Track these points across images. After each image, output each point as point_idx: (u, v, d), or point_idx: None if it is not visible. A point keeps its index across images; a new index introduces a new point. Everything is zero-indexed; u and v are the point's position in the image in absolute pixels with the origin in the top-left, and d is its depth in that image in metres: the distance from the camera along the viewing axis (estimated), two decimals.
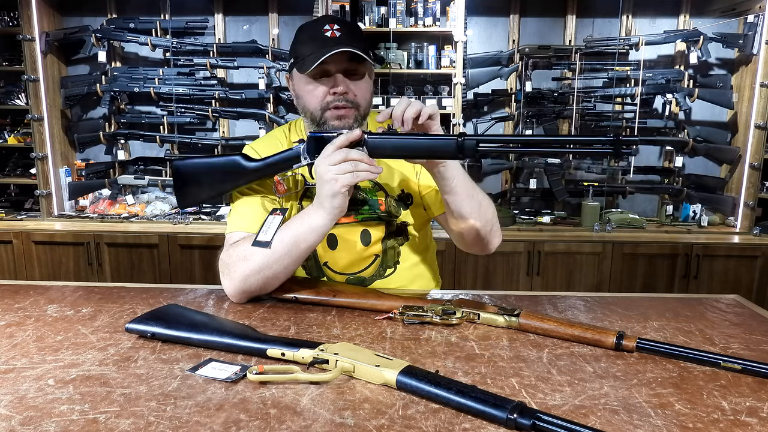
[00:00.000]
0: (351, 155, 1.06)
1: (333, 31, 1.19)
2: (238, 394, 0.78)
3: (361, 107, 1.24)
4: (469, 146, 1.02)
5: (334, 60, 1.18)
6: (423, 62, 3.27)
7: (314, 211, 1.12)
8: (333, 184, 1.07)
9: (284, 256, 1.13)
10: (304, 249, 1.15)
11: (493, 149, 1.10)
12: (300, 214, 1.16)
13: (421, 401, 0.76)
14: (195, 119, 3.38)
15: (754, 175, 3.13)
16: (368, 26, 3.19)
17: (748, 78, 3.18)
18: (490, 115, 3.45)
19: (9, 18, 3.30)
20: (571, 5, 3.33)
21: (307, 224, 1.13)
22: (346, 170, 1.06)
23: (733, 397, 0.79)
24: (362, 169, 1.07)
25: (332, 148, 1.08)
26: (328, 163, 1.07)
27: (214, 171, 1.24)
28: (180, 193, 1.27)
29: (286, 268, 1.15)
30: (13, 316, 1.09)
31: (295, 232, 1.13)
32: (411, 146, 1.07)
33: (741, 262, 3.00)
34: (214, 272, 1.22)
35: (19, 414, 0.72)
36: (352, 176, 1.06)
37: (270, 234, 1.14)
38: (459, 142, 1.02)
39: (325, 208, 1.10)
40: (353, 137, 1.08)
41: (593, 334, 0.96)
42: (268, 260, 1.13)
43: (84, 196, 3.49)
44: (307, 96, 1.24)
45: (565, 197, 3.41)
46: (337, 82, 1.20)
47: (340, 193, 1.08)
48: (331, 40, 1.18)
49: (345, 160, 1.06)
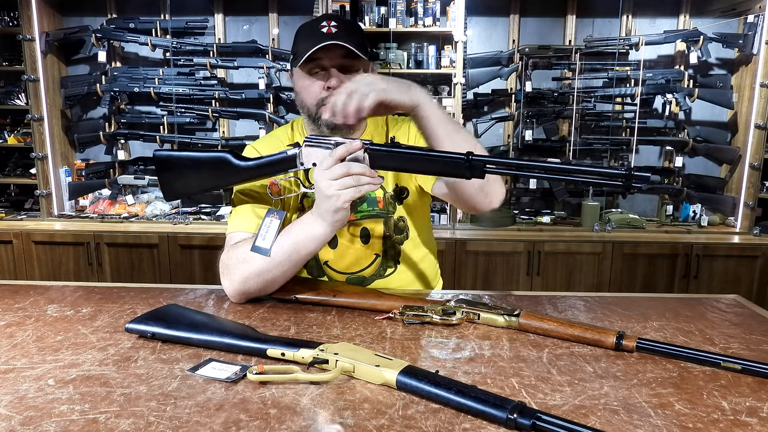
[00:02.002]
0: (353, 169, 1.02)
1: (329, 27, 1.19)
2: (238, 394, 0.78)
3: None
4: (477, 167, 0.95)
5: (329, 56, 1.19)
6: (423, 62, 3.27)
7: (314, 220, 1.10)
8: (335, 200, 1.03)
9: (284, 261, 1.13)
10: (303, 255, 1.14)
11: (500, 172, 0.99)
12: (300, 221, 1.14)
13: (421, 401, 0.76)
14: (195, 119, 3.38)
15: (754, 175, 3.13)
16: (368, 26, 3.19)
17: (748, 78, 3.18)
18: (490, 115, 3.45)
19: (9, 18, 3.30)
20: (571, 5, 3.33)
21: (308, 232, 1.11)
22: (348, 185, 1.02)
23: (733, 397, 0.79)
24: (364, 182, 1.02)
25: (332, 161, 1.03)
26: (329, 177, 1.02)
27: (201, 167, 1.21)
28: (161, 183, 1.23)
29: (285, 272, 1.15)
30: (13, 316, 1.09)
31: (295, 239, 1.12)
32: (416, 161, 1.02)
33: (741, 262, 3.00)
34: (214, 272, 1.22)
35: (19, 414, 0.72)
36: (355, 191, 1.02)
37: (269, 240, 1.13)
38: (466, 162, 0.95)
39: (327, 220, 1.08)
40: (354, 149, 1.03)
41: (593, 334, 0.96)
42: (267, 265, 1.13)
43: (84, 196, 3.49)
44: (303, 92, 1.25)
45: (565, 197, 3.42)
46: (331, 76, 1.20)
47: (342, 209, 1.05)
48: (326, 36, 1.18)
49: (347, 174, 1.02)
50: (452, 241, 3.00)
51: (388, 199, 1.34)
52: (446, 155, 0.99)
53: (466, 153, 0.96)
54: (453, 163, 0.97)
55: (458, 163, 0.96)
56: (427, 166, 1.01)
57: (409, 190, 1.35)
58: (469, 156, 0.95)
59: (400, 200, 1.35)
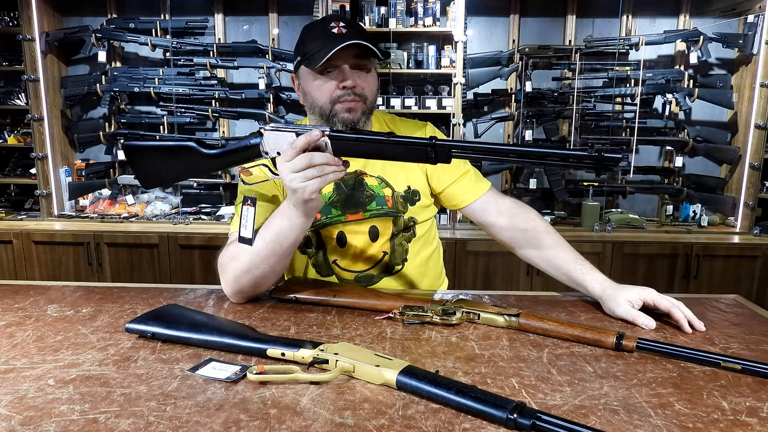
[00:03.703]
0: (315, 160, 1.01)
1: (339, 27, 1.21)
2: (238, 394, 0.78)
3: (368, 100, 1.25)
4: (440, 153, 0.96)
5: (342, 55, 1.20)
6: (423, 62, 3.27)
7: (289, 210, 1.10)
8: (301, 192, 1.03)
9: (270, 255, 1.12)
10: (287, 247, 1.13)
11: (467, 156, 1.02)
12: (278, 212, 1.13)
13: (421, 401, 0.76)
14: (195, 119, 3.38)
15: (754, 175, 3.13)
16: (368, 26, 3.19)
17: (748, 78, 3.18)
18: (490, 115, 3.45)
19: (9, 18, 3.30)
20: (571, 5, 3.33)
21: (287, 223, 1.11)
22: (311, 176, 1.01)
23: (733, 397, 0.79)
24: (329, 171, 1.02)
25: (293, 153, 1.02)
26: (292, 170, 1.02)
27: (168, 155, 1.20)
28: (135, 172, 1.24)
29: (273, 266, 1.14)
30: (13, 316, 1.09)
31: (276, 231, 1.12)
32: (379, 147, 1.01)
33: (741, 262, 3.00)
34: (214, 272, 1.22)
35: (19, 414, 0.72)
36: (320, 181, 1.02)
37: (250, 228, 1.13)
38: (429, 147, 0.96)
39: (300, 210, 1.08)
40: (314, 138, 1.02)
41: (593, 334, 0.96)
42: (254, 260, 1.13)
43: (84, 196, 3.49)
44: (315, 91, 1.25)
45: (565, 197, 3.41)
46: (346, 75, 1.21)
47: (310, 199, 1.05)
48: (339, 36, 1.19)
49: (309, 165, 1.01)
50: (452, 241, 3.00)
51: (398, 199, 1.35)
52: (409, 140, 1.00)
53: (430, 137, 0.98)
54: (417, 148, 0.98)
55: (422, 149, 0.98)
56: (391, 151, 1.02)
57: (421, 194, 1.36)
58: (433, 140, 0.97)
59: (412, 202, 1.36)
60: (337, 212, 1.33)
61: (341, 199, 1.33)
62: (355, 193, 1.33)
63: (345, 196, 1.33)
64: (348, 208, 1.33)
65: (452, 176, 1.36)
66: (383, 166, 1.35)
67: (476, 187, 1.37)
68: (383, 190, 1.34)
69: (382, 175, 1.34)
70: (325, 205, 1.33)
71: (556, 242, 1.28)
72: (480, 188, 1.37)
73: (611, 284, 1.16)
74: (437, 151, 0.96)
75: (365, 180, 1.34)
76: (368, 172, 1.34)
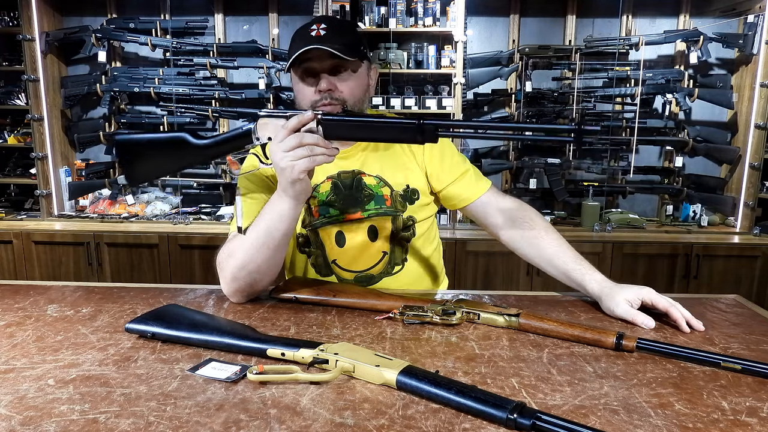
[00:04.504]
0: (305, 140, 1.03)
1: (318, 30, 1.21)
2: (238, 394, 0.78)
3: (348, 102, 1.25)
4: (428, 131, 1.00)
5: (318, 59, 1.21)
6: (423, 62, 3.27)
7: (279, 198, 1.11)
8: (290, 171, 1.04)
9: (262, 247, 1.12)
10: (279, 238, 1.13)
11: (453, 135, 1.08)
12: (269, 203, 1.14)
13: (421, 401, 0.76)
14: (195, 119, 3.38)
15: (754, 175, 3.13)
16: (368, 26, 3.19)
17: (748, 78, 3.18)
18: (490, 115, 3.45)
19: (9, 18, 3.30)
20: (571, 5, 3.33)
21: (276, 212, 1.11)
22: (301, 155, 1.03)
23: (733, 397, 0.79)
24: (318, 152, 1.03)
25: (285, 133, 1.04)
26: (282, 149, 1.03)
27: (159, 147, 1.21)
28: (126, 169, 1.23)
29: (268, 260, 1.14)
30: (13, 316, 1.09)
31: (267, 222, 1.12)
32: (368, 129, 1.05)
33: (741, 262, 3.00)
34: (214, 272, 1.22)
35: (19, 414, 0.72)
36: (309, 161, 1.03)
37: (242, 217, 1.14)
38: (418, 126, 1.00)
39: (288, 194, 1.09)
40: (306, 120, 1.04)
41: (593, 334, 0.96)
42: (247, 254, 1.13)
43: (84, 196, 3.49)
44: (298, 95, 1.28)
45: (565, 197, 3.41)
46: (320, 80, 1.22)
47: (298, 180, 1.05)
48: (314, 39, 1.19)
49: (299, 145, 1.03)
50: (452, 241, 3.00)
51: (397, 198, 1.35)
52: (398, 121, 1.04)
53: (417, 118, 1.01)
54: (405, 129, 1.02)
55: (410, 129, 1.02)
56: (380, 133, 1.05)
57: (420, 192, 1.36)
58: (420, 121, 1.00)
59: (411, 201, 1.36)
60: (335, 212, 1.33)
61: (339, 198, 1.33)
62: (354, 192, 1.33)
63: (343, 196, 1.33)
64: (346, 207, 1.33)
65: (452, 175, 1.36)
66: (382, 165, 1.35)
67: (476, 187, 1.37)
68: (382, 190, 1.34)
69: (381, 175, 1.34)
70: (324, 204, 1.33)
71: (555, 242, 1.28)
72: (480, 187, 1.37)
73: (610, 284, 1.16)
74: (424, 130, 1.00)
75: (363, 179, 1.34)
76: (366, 172, 1.34)
